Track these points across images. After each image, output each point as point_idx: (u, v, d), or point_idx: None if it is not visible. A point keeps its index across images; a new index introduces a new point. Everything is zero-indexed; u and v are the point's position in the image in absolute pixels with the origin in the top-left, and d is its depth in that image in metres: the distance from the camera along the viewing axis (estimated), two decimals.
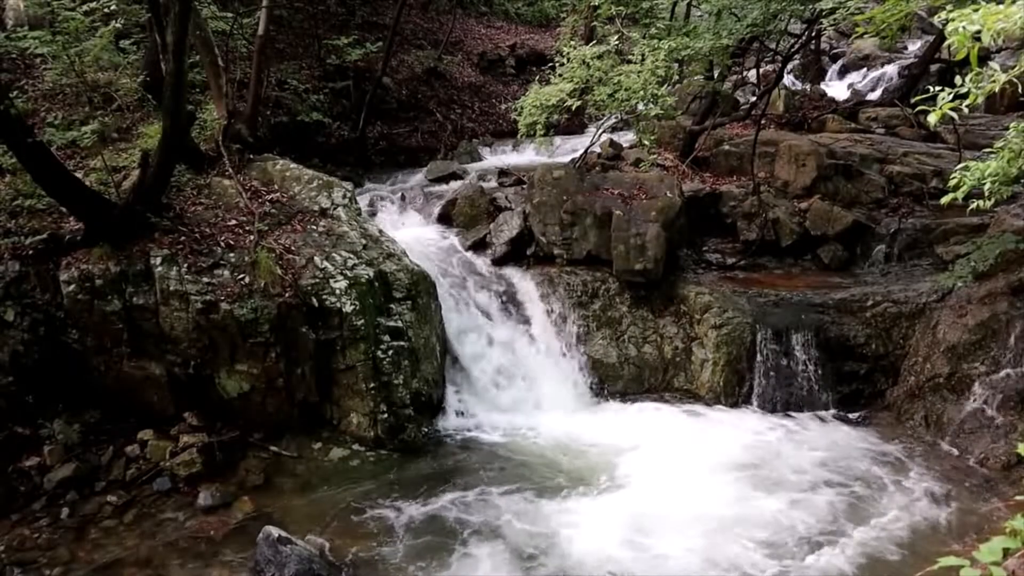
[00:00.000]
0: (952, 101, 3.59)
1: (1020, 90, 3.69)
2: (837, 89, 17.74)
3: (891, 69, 17.68)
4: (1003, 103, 14.56)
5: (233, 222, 8.92)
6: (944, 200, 5.47)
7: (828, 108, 15.08)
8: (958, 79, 3.70)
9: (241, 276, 8.29)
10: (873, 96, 16.63)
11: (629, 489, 7.68)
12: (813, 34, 14.70)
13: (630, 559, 6.61)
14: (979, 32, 3.34)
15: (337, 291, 8.48)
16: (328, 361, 8.52)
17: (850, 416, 9.21)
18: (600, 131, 12.77)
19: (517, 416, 9.23)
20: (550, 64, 11.18)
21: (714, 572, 6.49)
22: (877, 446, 8.50)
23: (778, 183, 11.86)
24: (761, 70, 14.16)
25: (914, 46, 18.99)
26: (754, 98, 13.30)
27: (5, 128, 7.25)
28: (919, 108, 4.04)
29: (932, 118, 3.69)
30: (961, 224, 10.35)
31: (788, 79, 16.96)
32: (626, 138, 14.22)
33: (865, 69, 18.71)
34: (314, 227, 9.32)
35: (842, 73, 19.22)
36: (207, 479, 7.72)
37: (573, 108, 10.07)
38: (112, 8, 9.13)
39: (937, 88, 3.68)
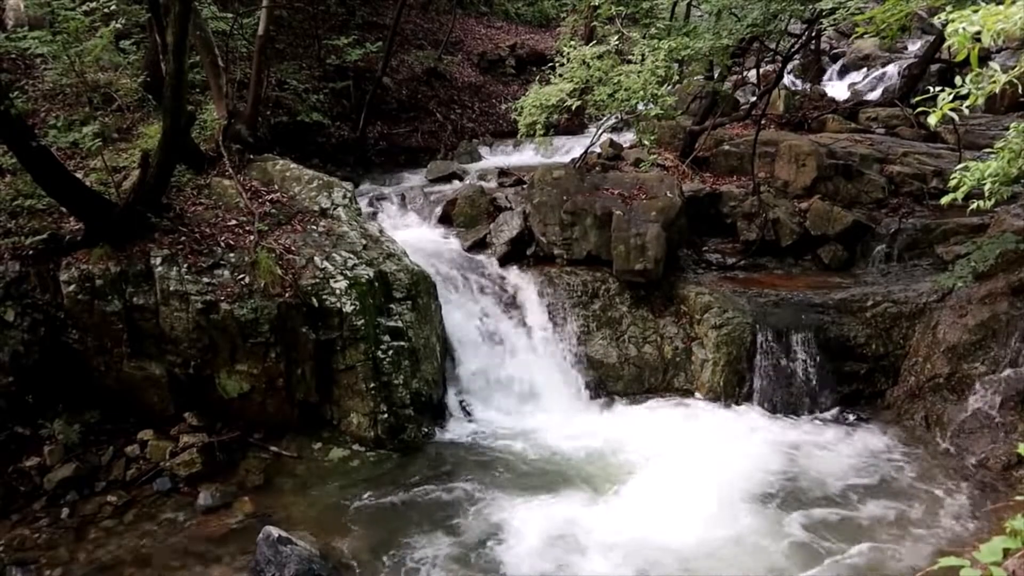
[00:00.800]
0: (952, 101, 3.58)
1: (1020, 90, 3.69)
2: (837, 89, 17.75)
3: (891, 69, 17.69)
4: (1003, 103, 14.58)
5: (233, 222, 8.92)
6: (944, 200, 5.47)
7: (828, 108, 15.10)
8: (958, 79, 3.70)
9: (241, 276, 8.29)
10: (873, 96, 16.64)
11: (615, 497, 7.58)
12: (813, 34, 14.70)
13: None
14: (979, 33, 3.33)
15: (337, 291, 8.48)
16: (328, 361, 8.51)
17: (850, 416, 9.21)
18: (600, 131, 12.77)
19: (516, 416, 9.22)
20: (550, 64, 11.16)
21: None
22: (877, 446, 8.49)
23: (778, 183, 11.86)
24: (761, 70, 14.16)
25: (914, 46, 18.99)
26: (754, 98, 13.30)
27: (6, 129, 7.25)
28: (919, 108, 4.04)
29: (932, 118, 3.69)
30: (961, 224, 10.36)
31: (788, 79, 16.97)
32: (626, 138, 14.24)
33: (865, 69, 18.72)
34: (314, 227, 9.32)
35: (842, 73, 19.23)
36: (207, 479, 7.72)
37: (573, 108, 10.07)
38: (112, 8, 9.11)
39: (937, 88, 3.67)
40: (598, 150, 13.15)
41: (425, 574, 6.54)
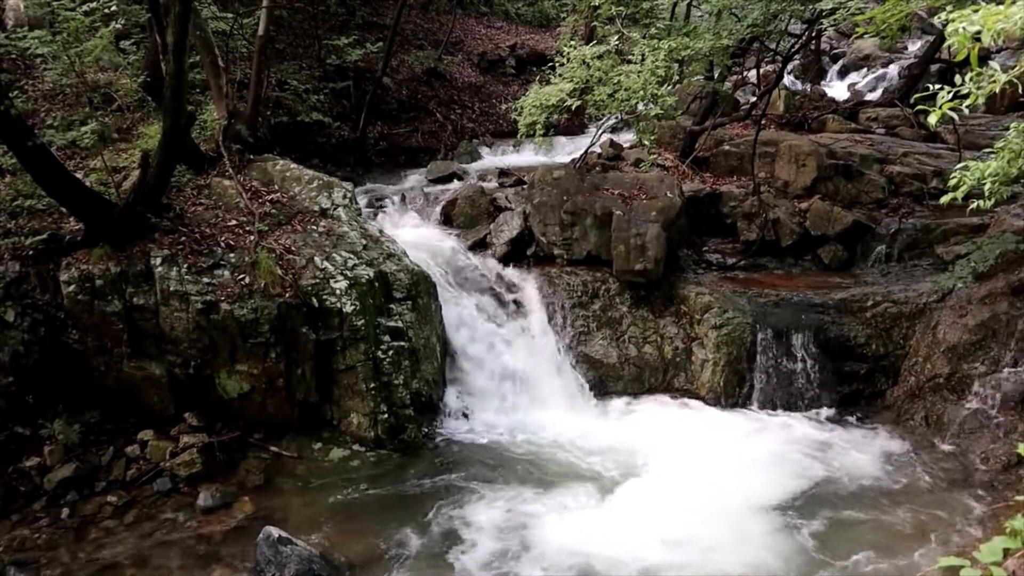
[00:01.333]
0: (952, 101, 3.59)
1: (1020, 90, 3.69)
2: (837, 89, 17.76)
3: (891, 69, 17.70)
4: (1003, 103, 14.57)
5: (233, 222, 8.92)
6: (944, 200, 5.47)
7: (828, 108, 15.09)
8: (958, 79, 3.70)
9: (241, 276, 8.29)
10: (873, 96, 16.64)
11: (613, 497, 7.57)
12: (813, 34, 14.69)
13: None
14: (979, 33, 3.33)
15: (337, 291, 8.48)
16: (328, 361, 8.51)
17: (850, 417, 9.20)
18: (600, 131, 12.76)
19: (516, 416, 9.22)
20: (550, 64, 11.16)
21: None
22: (877, 447, 8.48)
23: (778, 183, 11.86)
24: (761, 70, 14.16)
25: (914, 46, 18.99)
26: (754, 98, 13.30)
27: (6, 129, 7.25)
28: (919, 108, 4.04)
29: (932, 118, 3.69)
30: (961, 224, 10.35)
31: (788, 79, 16.97)
32: (626, 138, 14.23)
33: (865, 69, 18.72)
34: (314, 227, 9.32)
35: (842, 73, 19.23)
36: (207, 479, 7.73)
37: (573, 108, 10.07)
38: (112, 8, 9.10)
39: (937, 87, 3.67)
40: (598, 150, 13.14)
41: (425, 574, 6.54)
